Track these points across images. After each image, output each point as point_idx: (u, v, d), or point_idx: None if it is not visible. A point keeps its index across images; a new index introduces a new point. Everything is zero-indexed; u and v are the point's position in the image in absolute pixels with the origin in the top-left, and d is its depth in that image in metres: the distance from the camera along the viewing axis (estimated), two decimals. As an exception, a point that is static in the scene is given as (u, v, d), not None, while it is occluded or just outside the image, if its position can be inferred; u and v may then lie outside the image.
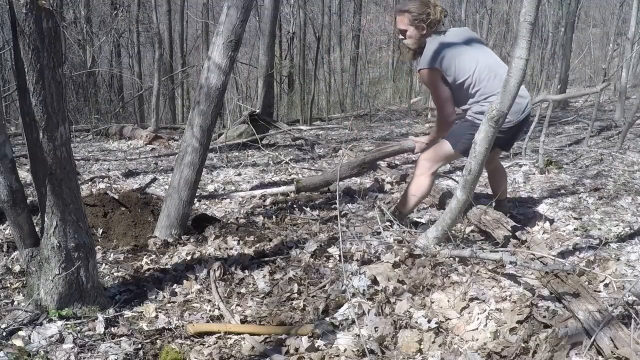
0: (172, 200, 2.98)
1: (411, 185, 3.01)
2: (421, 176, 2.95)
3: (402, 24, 2.90)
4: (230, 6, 2.81)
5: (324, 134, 8.26)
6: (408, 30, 2.89)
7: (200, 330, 2.00)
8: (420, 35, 2.88)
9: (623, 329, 1.77)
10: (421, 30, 2.86)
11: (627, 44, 8.10)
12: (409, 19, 2.86)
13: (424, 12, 2.82)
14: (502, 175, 3.25)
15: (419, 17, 2.83)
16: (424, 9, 2.82)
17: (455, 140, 2.86)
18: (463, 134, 2.82)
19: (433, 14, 2.82)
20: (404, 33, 2.93)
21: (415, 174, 3.00)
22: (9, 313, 2.05)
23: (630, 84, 11.14)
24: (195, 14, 15.89)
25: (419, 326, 1.97)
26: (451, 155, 2.94)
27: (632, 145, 6.01)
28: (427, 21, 2.83)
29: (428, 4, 2.84)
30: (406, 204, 3.03)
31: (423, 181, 2.95)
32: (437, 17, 2.83)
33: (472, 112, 2.81)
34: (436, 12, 2.83)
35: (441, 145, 2.94)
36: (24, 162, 4.93)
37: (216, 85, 2.88)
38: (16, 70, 1.79)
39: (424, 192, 2.99)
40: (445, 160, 3.07)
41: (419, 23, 2.85)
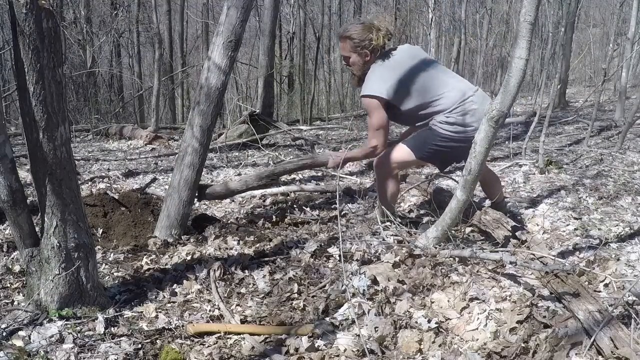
0: (172, 200, 2.99)
1: (379, 193, 3.02)
2: (384, 181, 2.94)
3: (345, 51, 2.82)
4: (230, 6, 2.81)
5: (324, 134, 8.26)
6: (351, 57, 2.81)
7: (200, 330, 2.00)
8: (364, 61, 2.80)
9: (623, 329, 1.77)
10: (364, 57, 2.79)
11: (627, 44, 8.11)
12: (351, 45, 2.77)
13: (365, 39, 2.73)
14: (494, 180, 3.20)
15: (360, 44, 2.75)
16: (366, 35, 2.73)
17: (417, 147, 2.82)
18: (427, 142, 2.78)
19: (376, 39, 2.73)
20: (347, 60, 2.85)
21: (377, 180, 3.00)
22: (9, 313, 2.05)
23: (630, 84, 11.15)
24: (195, 14, 15.89)
25: (419, 326, 1.97)
26: (411, 161, 2.89)
27: (632, 145, 6.01)
28: (369, 47, 2.75)
29: (371, 29, 2.75)
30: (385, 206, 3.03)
31: (388, 185, 2.94)
32: (379, 42, 2.74)
33: (437, 122, 2.74)
34: (379, 36, 2.74)
35: (399, 151, 2.88)
36: (24, 162, 4.93)
37: (216, 85, 2.88)
38: (16, 70, 1.79)
39: (393, 193, 2.99)
40: (404, 165, 3.02)
41: (362, 50, 2.76)
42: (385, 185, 2.96)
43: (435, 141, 2.76)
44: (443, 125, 2.72)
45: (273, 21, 8.37)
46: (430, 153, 2.81)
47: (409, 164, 3.00)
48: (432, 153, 2.81)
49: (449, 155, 2.86)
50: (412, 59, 2.84)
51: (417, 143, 2.84)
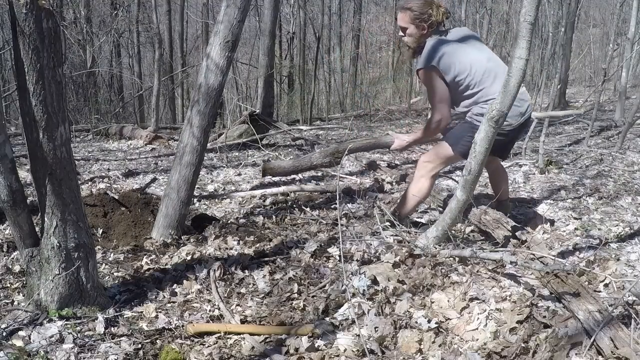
0: (170, 200, 2.98)
1: (411, 187, 2.99)
2: (421, 178, 2.93)
3: (403, 22, 2.88)
4: (229, 5, 2.81)
5: (324, 134, 8.26)
6: (409, 28, 2.87)
7: (200, 330, 2.00)
8: (421, 34, 2.86)
9: (623, 329, 1.77)
10: (422, 29, 2.85)
11: (627, 44, 8.11)
12: (411, 17, 2.84)
13: (425, 12, 2.80)
14: (503, 176, 3.23)
15: (420, 17, 2.81)
16: (426, 9, 2.81)
17: (455, 142, 2.84)
18: (463, 136, 2.79)
19: (435, 15, 2.80)
20: (404, 30, 2.91)
21: (415, 176, 2.98)
22: (9, 313, 2.05)
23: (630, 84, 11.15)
24: (195, 14, 15.89)
25: (419, 326, 1.97)
26: (451, 157, 2.92)
27: (632, 145, 6.01)
28: (428, 21, 2.81)
29: (431, 4, 2.82)
30: (406, 205, 3.02)
31: (423, 183, 2.93)
32: (438, 17, 2.82)
33: (472, 114, 2.79)
34: (438, 12, 2.81)
35: (441, 147, 2.92)
36: (24, 162, 4.93)
37: (213, 86, 2.88)
38: (16, 70, 1.79)
39: (424, 194, 2.97)
40: (446, 162, 3.03)
41: (420, 22, 2.83)
42: (420, 185, 2.94)
43: (471, 133, 2.74)
44: (478, 117, 2.72)
45: (273, 21, 8.37)
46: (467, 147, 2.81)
47: (450, 160, 2.99)
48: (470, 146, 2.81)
49: None
50: (466, 39, 2.88)
51: (455, 138, 2.86)
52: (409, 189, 3.00)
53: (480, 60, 2.78)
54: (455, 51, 2.78)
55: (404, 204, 3.03)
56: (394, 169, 4.88)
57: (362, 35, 16.63)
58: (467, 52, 2.79)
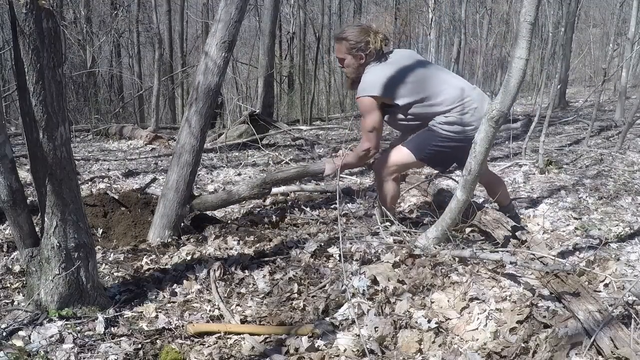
0: (167, 200, 2.97)
1: (380, 197, 3.00)
2: (383, 184, 2.91)
3: (340, 52, 2.81)
4: (227, 4, 2.81)
5: (324, 134, 8.26)
6: (346, 58, 2.80)
7: (200, 330, 2.00)
8: (359, 64, 2.78)
9: (623, 329, 1.77)
10: (359, 59, 2.77)
11: (627, 44, 8.11)
12: (347, 47, 2.76)
13: (362, 41, 2.72)
14: (498, 183, 3.17)
15: (356, 46, 2.74)
16: (363, 37, 2.72)
17: (417, 149, 2.80)
18: (427, 143, 2.76)
19: (373, 43, 2.72)
20: (342, 62, 2.84)
21: (377, 184, 2.97)
22: (9, 313, 2.05)
23: (630, 84, 11.15)
24: (195, 14, 15.89)
25: (419, 326, 1.97)
26: (412, 163, 2.88)
27: (632, 145, 6.01)
28: (365, 50, 2.73)
29: (368, 32, 2.74)
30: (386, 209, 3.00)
31: (387, 187, 2.91)
32: (376, 45, 2.73)
33: (436, 122, 2.73)
34: (376, 40, 2.73)
35: (399, 153, 2.86)
36: (24, 162, 4.93)
37: (210, 86, 2.88)
38: (16, 70, 1.79)
39: (393, 195, 2.96)
40: (404, 167, 3.00)
41: (357, 52, 2.75)
42: (385, 188, 2.93)
43: (435, 142, 2.75)
44: (442, 125, 2.71)
45: (273, 21, 8.37)
46: (431, 154, 2.80)
47: (409, 165, 2.98)
48: (433, 154, 2.80)
49: (449, 156, 2.84)
50: (407, 59, 2.83)
51: (417, 144, 2.82)
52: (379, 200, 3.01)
53: (428, 75, 2.74)
54: (403, 74, 2.72)
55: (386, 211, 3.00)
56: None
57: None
58: (413, 71, 2.73)
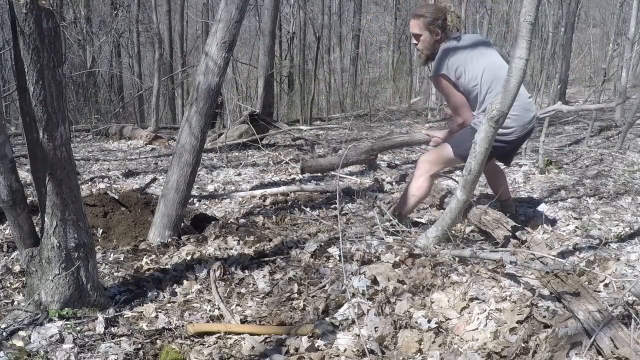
0: (167, 201, 2.97)
1: (410, 186, 2.99)
2: (420, 177, 2.93)
3: (417, 28, 2.88)
4: (228, 3, 2.81)
5: (324, 134, 8.25)
6: (422, 34, 2.87)
7: (200, 330, 2.00)
8: (434, 40, 2.85)
9: (623, 329, 1.77)
10: (435, 35, 2.84)
11: (627, 44, 8.10)
12: (424, 23, 2.83)
13: (439, 18, 2.80)
14: (500, 175, 3.23)
15: (433, 22, 2.81)
16: (439, 15, 2.81)
17: (457, 145, 2.84)
18: (466, 140, 2.77)
19: (450, 20, 2.81)
20: (417, 37, 2.90)
21: (414, 175, 2.98)
22: (9, 313, 2.05)
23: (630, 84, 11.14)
24: (195, 14, 15.88)
25: (419, 326, 1.97)
26: (451, 159, 2.92)
27: (632, 145, 6.01)
28: (442, 27, 2.82)
29: (444, 10, 2.82)
30: (405, 205, 3.02)
31: (422, 183, 2.93)
32: (453, 23, 2.82)
33: (478, 121, 2.75)
34: (452, 18, 2.82)
35: (443, 149, 2.92)
36: (24, 162, 4.93)
37: (210, 86, 2.88)
38: (16, 70, 1.79)
39: (423, 194, 2.97)
40: (446, 164, 3.03)
41: (434, 28, 2.82)
42: (419, 183, 2.93)
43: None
44: None
45: (273, 21, 8.36)
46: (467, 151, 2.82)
47: (449, 161, 3.00)
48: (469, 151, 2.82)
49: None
50: (479, 45, 2.88)
51: (458, 141, 2.86)
52: (408, 188, 3.01)
53: (490, 67, 2.78)
54: (467, 58, 2.78)
55: (404, 203, 3.03)
56: (394, 168, 4.88)
57: (362, 35, 16.63)
58: (478, 59, 2.79)
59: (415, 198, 2.97)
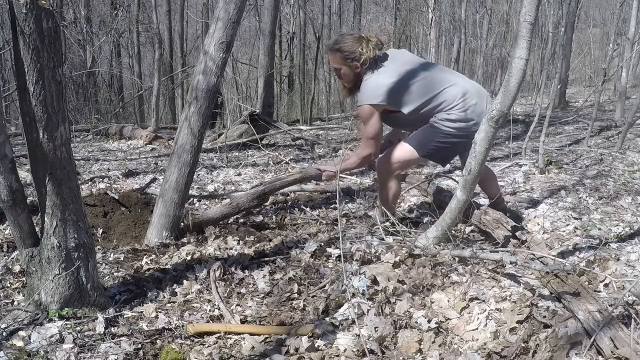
0: (165, 201, 2.96)
1: (381, 196, 3.01)
2: (385, 182, 2.93)
3: (335, 63, 2.83)
4: (227, 2, 2.81)
5: (324, 134, 8.26)
6: (342, 69, 2.83)
7: (200, 330, 2.00)
8: (354, 73, 2.81)
9: (623, 329, 1.77)
10: (354, 68, 2.79)
11: (627, 44, 8.10)
12: (340, 57, 2.79)
13: (355, 50, 2.74)
14: (490, 177, 3.21)
15: (350, 56, 2.76)
16: (356, 47, 2.74)
17: (420, 145, 2.82)
18: (430, 140, 2.79)
19: (366, 52, 2.74)
20: (337, 72, 2.87)
21: (379, 182, 2.99)
22: (9, 313, 2.05)
23: (630, 84, 11.14)
24: (195, 14, 15.87)
25: (419, 326, 1.98)
26: (414, 159, 2.90)
27: (632, 145, 6.01)
28: (359, 59, 2.75)
29: (361, 41, 2.75)
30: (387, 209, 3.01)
31: (390, 186, 2.93)
32: (369, 54, 2.74)
33: (438, 119, 2.75)
34: (369, 49, 2.74)
35: (401, 150, 2.87)
36: (24, 162, 4.93)
37: (208, 86, 2.88)
38: (16, 70, 1.79)
39: (395, 194, 2.98)
40: (407, 164, 3.01)
41: (351, 62, 2.77)
42: (387, 186, 2.95)
43: (438, 138, 2.77)
44: (445, 122, 2.73)
45: (273, 21, 8.36)
46: (433, 150, 2.83)
47: (411, 162, 3.00)
48: (435, 150, 2.83)
49: (451, 151, 2.89)
50: (405, 62, 2.84)
51: (419, 141, 2.84)
52: (380, 199, 3.02)
53: (428, 76, 2.75)
54: (402, 81, 2.73)
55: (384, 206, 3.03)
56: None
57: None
58: (413, 76, 2.75)
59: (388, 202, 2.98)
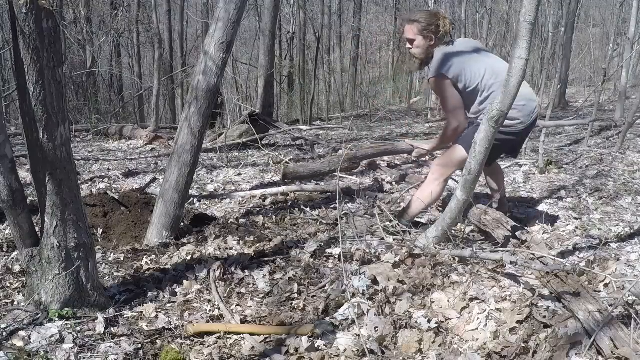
0: (165, 201, 2.96)
1: (423, 189, 2.98)
2: (435, 182, 2.93)
3: (411, 33, 2.91)
4: (227, 2, 2.81)
5: (324, 134, 8.26)
6: (416, 39, 2.90)
7: (200, 330, 2.00)
8: (429, 45, 2.89)
9: (623, 329, 1.77)
10: (429, 40, 2.87)
11: (627, 44, 8.10)
12: (418, 28, 2.87)
13: (433, 23, 2.84)
14: (499, 174, 3.25)
15: (428, 28, 2.84)
16: (434, 20, 2.84)
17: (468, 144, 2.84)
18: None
19: (442, 26, 2.85)
20: (411, 42, 2.93)
21: (428, 179, 2.98)
22: (9, 313, 2.05)
23: (630, 84, 11.14)
24: (195, 14, 15.88)
25: (419, 326, 1.97)
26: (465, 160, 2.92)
27: (632, 145, 6.01)
28: (436, 32, 2.85)
29: (437, 16, 2.86)
30: (412, 208, 3.01)
31: (435, 187, 2.93)
32: (446, 28, 2.85)
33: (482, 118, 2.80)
34: (445, 24, 2.86)
35: (454, 151, 2.91)
36: (24, 162, 4.93)
37: (208, 87, 2.88)
38: (16, 70, 1.79)
39: (435, 198, 2.97)
40: (459, 165, 3.00)
41: (428, 33, 2.86)
42: (433, 187, 2.93)
43: None
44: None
45: (273, 21, 8.37)
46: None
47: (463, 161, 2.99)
48: None
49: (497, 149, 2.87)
50: (473, 48, 2.92)
51: (467, 140, 2.85)
52: (421, 192, 2.99)
53: (489, 65, 2.81)
54: (465, 59, 2.81)
55: (411, 206, 3.02)
56: (393, 169, 4.88)
57: (362, 35, 16.63)
58: (476, 59, 2.83)
59: (426, 202, 2.95)
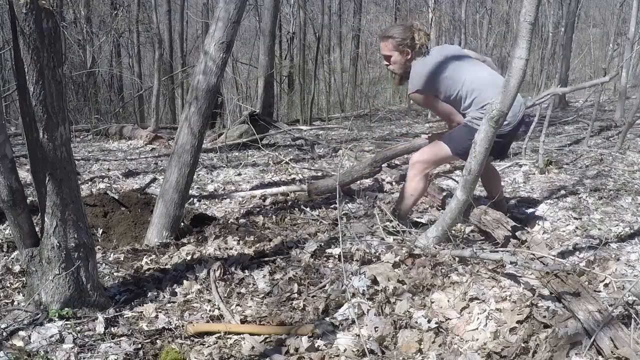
0: (165, 201, 2.96)
1: (406, 187, 3.01)
2: (415, 177, 2.95)
3: (386, 50, 2.93)
4: (227, 2, 2.81)
5: (324, 134, 8.26)
6: (393, 55, 2.92)
7: (200, 330, 2.00)
8: (405, 60, 2.90)
9: (623, 329, 1.77)
10: (405, 55, 2.89)
11: (627, 44, 8.10)
12: (393, 44, 2.88)
13: (407, 37, 2.85)
14: (495, 176, 3.24)
15: (403, 42, 2.86)
16: (408, 34, 2.85)
17: (453, 143, 2.86)
18: (463, 138, 2.81)
19: (418, 39, 2.85)
20: (388, 59, 2.95)
21: (408, 176, 3.00)
22: (9, 313, 2.05)
23: (630, 84, 11.14)
24: (195, 14, 15.87)
25: (419, 326, 1.97)
26: (447, 157, 2.95)
27: (632, 145, 6.01)
28: (411, 46, 2.86)
29: (412, 29, 2.87)
30: (403, 204, 3.04)
31: (417, 183, 2.95)
32: (421, 41, 2.86)
33: (470, 117, 2.82)
34: (420, 36, 2.86)
35: (436, 147, 2.93)
36: (24, 162, 4.93)
37: (208, 86, 2.88)
38: (16, 70, 1.79)
39: (420, 193, 3.01)
40: (439, 162, 3.07)
41: (404, 48, 2.87)
42: (414, 183, 2.96)
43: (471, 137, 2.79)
44: (477, 121, 2.75)
45: (273, 21, 8.37)
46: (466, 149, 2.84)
47: (444, 159, 3.05)
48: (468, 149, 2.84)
49: None
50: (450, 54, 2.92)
51: (453, 139, 2.88)
52: (405, 189, 3.03)
53: (468, 71, 2.82)
54: (440, 69, 2.82)
55: (402, 203, 3.05)
56: (393, 169, 4.88)
57: (362, 35, 16.63)
58: (453, 67, 2.83)
59: (412, 198, 3.00)
